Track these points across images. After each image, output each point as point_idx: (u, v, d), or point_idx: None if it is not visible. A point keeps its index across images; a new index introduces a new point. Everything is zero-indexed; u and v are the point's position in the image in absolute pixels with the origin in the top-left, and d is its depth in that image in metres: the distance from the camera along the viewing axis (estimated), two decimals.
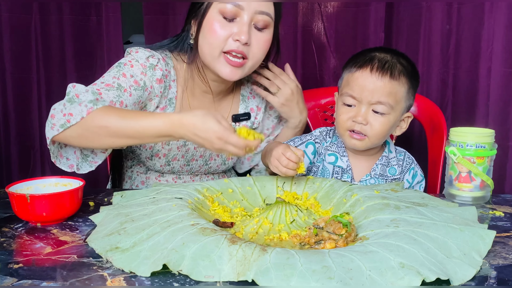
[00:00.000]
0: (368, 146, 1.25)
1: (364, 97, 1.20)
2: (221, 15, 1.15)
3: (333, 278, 0.66)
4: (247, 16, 1.15)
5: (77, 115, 1.04)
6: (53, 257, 0.80)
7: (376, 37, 1.84)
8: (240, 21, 1.15)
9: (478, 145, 1.09)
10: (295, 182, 1.11)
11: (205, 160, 1.37)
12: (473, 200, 1.10)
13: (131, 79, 1.16)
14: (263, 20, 1.17)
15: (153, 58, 1.21)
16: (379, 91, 1.19)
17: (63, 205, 0.95)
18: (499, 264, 0.78)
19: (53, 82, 1.93)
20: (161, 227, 0.82)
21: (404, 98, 1.23)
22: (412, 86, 1.24)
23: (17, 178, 1.60)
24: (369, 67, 1.21)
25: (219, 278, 0.70)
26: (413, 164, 1.34)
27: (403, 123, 1.28)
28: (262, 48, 1.20)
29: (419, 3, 1.81)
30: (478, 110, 1.75)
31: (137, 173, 1.38)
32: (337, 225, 0.83)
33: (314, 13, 1.89)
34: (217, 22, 1.15)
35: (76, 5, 1.90)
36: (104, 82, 1.14)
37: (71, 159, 1.14)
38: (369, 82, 1.19)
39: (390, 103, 1.19)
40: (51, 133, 1.05)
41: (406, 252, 0.73)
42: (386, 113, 1.20)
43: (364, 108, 1.21)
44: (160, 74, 1.21)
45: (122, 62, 1.20)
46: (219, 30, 1.15)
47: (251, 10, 1.15)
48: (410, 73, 1.24)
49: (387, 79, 1.19)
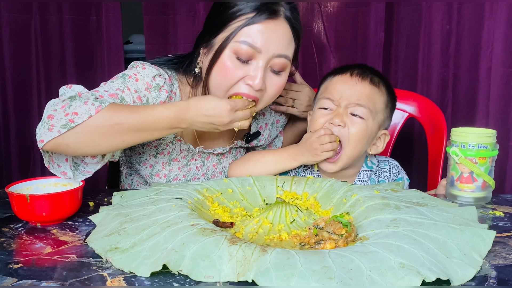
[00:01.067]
0: (344, 162, 1.18)
1: (343, 100, 1.17)
2: (234, 55, 1.06)
3: (333, 278, 0.66)
4: (264, 60, 1.05)
5: (84, 114, 0.95)
6: (53, 257, 0.80)
7: (376, 37, 1.84)
8: (255, 65, 1.06)
9: (480, 145, 1.09)
10: (295, 182, 1.11)
11: (207, 178, 1.32)
12: (475, 201, 1.10)
13: (134, 94, 1.09)
14: (280, 63, 1.08)
15: (160, 78, 1.12)
16: (358, 93, 1.17)
17: (63, 205, 0.95)
18: (499, 264, 0.78)
19: (53, 82, 1.93)
20: (161, 227, 0.82)
21: (382, 111, 1.20)
22: (390, 101, 1.22)
23: (17, 178, 1.61)
24: (349, 72, 1.20)
25: (219, 278, 0.70)
26: (399, 174, 1.31)
27: (379, 141, 1.23)
28: (276, 92, 1.13)
29: (419, 3, 1.81)
30: (478, 110, 1.75)
31: (137, 183, 1.33)
32: (337, 225, 0.83)
33: (314, 13, 1.89)
34: (231, 61, 1.06)
35: (76, 5, 1.90)
36: (108, 91, 1.07)
37: (62, 166, 1.04)
38: (349, 85, 1.18)
39: (370, 107, 1.16)
40: (49, 135, 0.95)
41: (406, 252, 0.72)
42: (364, 118, 1.16)
43: (342, 109, 1.17)
44: (165, 97, 1.13)
45: (127, 74, 1.11)
46: (232, 68, 1.06)
47: (270, 54, 1.05)
48: (389, 91, 1.22)
49: (367, 83, 1.18)
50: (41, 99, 1.94)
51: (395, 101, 1.26)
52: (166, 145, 1.23)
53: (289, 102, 1.34)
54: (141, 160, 1.25)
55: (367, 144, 1.21)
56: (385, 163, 1.32)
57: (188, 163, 1.28)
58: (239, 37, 1.05)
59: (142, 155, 1.25)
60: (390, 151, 1.59)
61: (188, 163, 1.28)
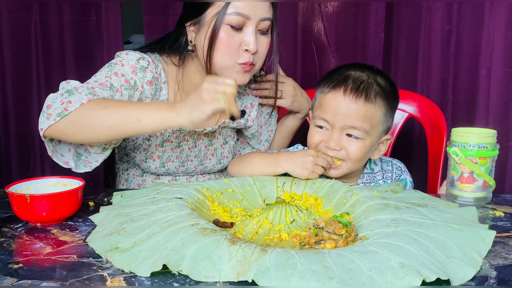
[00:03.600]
0: (344, 173, 1.18)
1: (337, 122, 1.13)
2: (228, 26, 1.17)
3: (333, 278, 0.66)
4: (253, 25, 1.18)
5: (76, 102, 1.03)
6: (53, 257, 0.80)
7: (376, 37, 1.84)
8: (246, 31, 1.18)
9: (481, 145, 1.09)
10: (295, 182, 1.11)
11: (200, 160, 1.37)
12: (475, 201, 1.10)
13: (122, 78, 1.17)
14: (266, 25, 1.20)
15: (143, 61, 1.21)
16: (353, 115, 1.12)
17: (63, 205, 0.95)
18: (499, 264, 0.78)
19: (53, 82, 1.93)
20: (161, 227, 0.82)
21: (381, 122, 1.16)
22: (390, 107, 1.17)
23: (17, 178, 1.60)
24: (343, 88, 1.13)
25: (219, 278, 0.70)
26: (402, 174, 1.29)
27: (382, 145, 1.22)
28: (265, 51, 1.24)
29: (419, 3, 1.81)
30: (478, 110, 1.75)
31: (133, 176, 1.38)
32: (337, 225, 0.83)
33: (314, 13, 1.89)
34: (226, 33, 1.17)
35: (76, 5, 1.89)
36: (98, 81, 1.14)
37: (65, 156, 1.13)
38: (342, 105, 1.12)
39: (365, 128, 1.12)
40: (46, 123, 1.03)
41: (406, 252, 0.72)
42: (361, 138, 1.14)
43: (337, 133, 1.14)
44: (151, 76, 1.21)
45: (113, 62, 1.20)
46: (230, 41, 1.17)
47: (257, 18, 1.17)
48: (389, 93, 1.17)
49: (361, 102, 1.12)
50: (41, 99, 1.93)
51: (397, 100, 1.22)
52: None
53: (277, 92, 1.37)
54: (135, 146, 1.29)
55: (369, 155, 1.21)
56: (388, 163, 1.31)
57: (180, 143, 1.32)
58: (229, 10, 1.16)
59: (136, 140, 1.29)
60: (390, 151, 1.60)
61: (180, 144, 1.32)
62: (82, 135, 1.06)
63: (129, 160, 1.38)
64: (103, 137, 1.07)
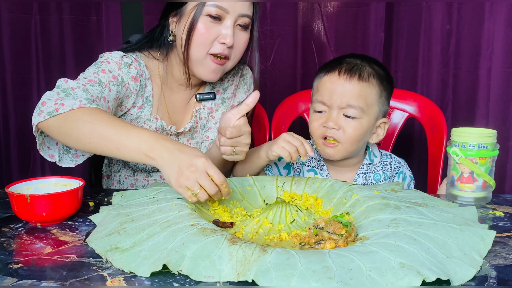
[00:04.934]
0: (342, 154, 1.22)
1: (334, 101, 1.18)
2: (207, 17, 1.18)
3: (333, 278, 0.66)
4: (232, 19, 1.18)
5: (68, 106, 1.03)
6: (53, 257, 0.80)
7: (376, 37, 1.84)
8: (225, 24, 1.19)
9: (481, 145, 1.09)
10: (295, 182, 1.11)
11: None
12: (475, 201, 1.10)
13: (109, 74, 1.19)
14: (244, 21, 1.21)
15: (126, 58, 1.24)
16: (348, 93, 1.17)
17: (63, 205, 0.95)
18: (499, 264, 0.78)
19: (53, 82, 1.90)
20: (161, 227, 0.82)
21: (376, 102, 1.21)
22: (384, 90, 1.22)
23: (17, 178, 1.60)
24: (337, 70, 1.20)
25: (219, 278, 0.70)
26: (401, 167, 1.32)
27: (379, 129, 1.25)
28: (241, 48, 1.24)
29: (419, 3, 1.81)
30: (478, 110, 1.75)
31: (125, 176, 1.39)
32: (337, 225, 0.83)
33: (314, 13, 1.89)
34: (204, 24, 1.18)
35: (76, 5, 1.90)
36: (87, 77, 1.15)
37: (52, 149, 1.14)
38: (337, 85, 1.18)
39: (361, 106, 1.18)
40: (37, 119, 1.04)
41: (406, 252, 0.72)
42: (357, 117, 1.18)
43: (335, 112, 1.19)
44: (135, 72, 1.23)
45: (99, 61, 1.22)
46: (207, 32, 1.18)
47: (236, 13, 1.18)
48: (382, 76, 1.22)
49: (355, 80, 1.18)
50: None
51: (391, 85, 1.26)
52: (144, 122, 1.28)
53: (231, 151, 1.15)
54: None
55: (366, 137, 1.24)
56: (387, 156, 1.34)
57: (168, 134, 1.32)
58: (209, 1, 1.17)
59: None
60: (391, 151, 1.59)
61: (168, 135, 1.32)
62: (64, 139, 1.06)
63: (118, 161, 1.38)
64: (82, 148, 1.06)
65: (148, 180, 1.37)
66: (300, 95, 1.68)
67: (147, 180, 1.37)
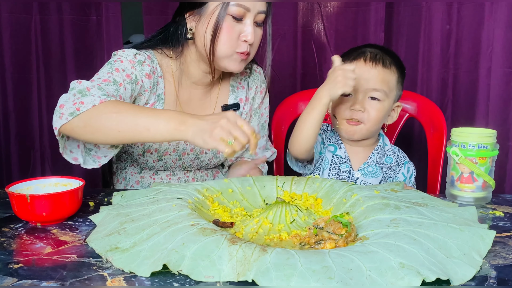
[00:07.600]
0: (364, 133, 1.32)
1: (361, 86, 1.28)
2: (230, 16, 1.21)
3: (333, 278, 0.66)
4: (251, 17, 1.22)
5: (89, 103, 1.04)
6: (53, 257, 0.80)
7: (376, 37, 1.84)
8: (245, 22, 1.22)
9: (480, 145, 1.09)
10: (295, 182, 1.11)
11: (196, 154, 1.38)
12: (475, 201, 1.10)
13: (123, 73, 1.20)
14: (261, 18, 1.25)
15: (140, 56, 1.25)
16: (373, 78, 1.29)
17: (63, 205, 0.95)
18: (499, 264, 0.78)
19: (53, 82, 1.93)
20: (161, 227, 0.82)
21: (395, 87, 1.33)
22: (400, 76, 1.34)
23: (17, 178, 1.60)
24: (362, 58, 1.31)
25: (219, 278, 0.70)
26: (406, 159, 1.41)
27: (393, 112, 1.38)
28: (258, 42, 1.29)
29: (419, 3, 1.81)
30: (478, 110, 1.75)
31: (131, 174, 1.39)
32: (337, 225, 0.83)
33: (314, 13, 1.89)
34: (229, 24, 1.21)
35: (76, 5, 1.89)
36: (101, 78, 1.17)
37: (74, 152, 1.14)
38: (364, 71, 1.29)
39: (385, 89, 1.29)
40: (59, 122, 1.05)
41: (406, 252, 0.72)
42: (381, 99, 1.30)
43: (361, 95, 1.30)
44: (149, 70, 1.25)
45: (112, 61, 1.24)
46: (232, 32, 1.21)
47: (255, 11, 1.22)
48: (399, 64, 1.35)
49: (380, 67, 1.29)
50: (41, 99, 1.94)
51: (404, 72, 1.37)
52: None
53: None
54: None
55: (385, 119, 1.36)
56: (395, 147, 1.43)
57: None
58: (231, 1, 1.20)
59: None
60: None
61: None
62: (91, 136, 1.07)
63: (127, 158, 1.39)
64: (111, 141, 1.09)
65: (154, 179, 1.37)
66: (300, 95, 1.69)
67: (153, 178, 1.38)
